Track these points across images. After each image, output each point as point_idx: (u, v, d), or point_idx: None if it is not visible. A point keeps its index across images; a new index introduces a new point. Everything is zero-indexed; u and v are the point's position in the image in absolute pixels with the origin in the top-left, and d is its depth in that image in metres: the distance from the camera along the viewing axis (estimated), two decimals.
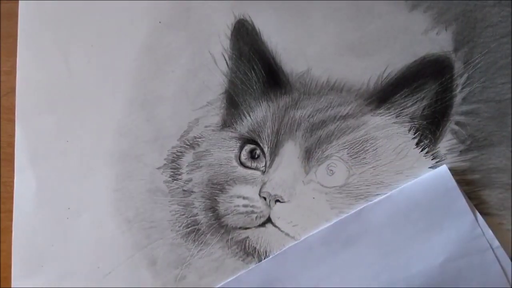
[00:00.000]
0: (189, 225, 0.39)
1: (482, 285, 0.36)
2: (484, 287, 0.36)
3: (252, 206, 0.38)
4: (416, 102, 0.38)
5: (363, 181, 0.38)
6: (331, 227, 0.38)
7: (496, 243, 0.37)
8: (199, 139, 0.39)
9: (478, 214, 0.37)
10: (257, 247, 0.39)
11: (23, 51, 0.41)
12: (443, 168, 0.37)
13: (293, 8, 0.39)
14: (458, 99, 0.38)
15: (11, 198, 0.40)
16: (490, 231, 0.37)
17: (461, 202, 0.37)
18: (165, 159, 0.40)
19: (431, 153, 0.38)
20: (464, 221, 0.37)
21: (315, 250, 0.38)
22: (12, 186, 0.40)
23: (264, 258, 0.38)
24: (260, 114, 0.39)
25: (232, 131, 0.39)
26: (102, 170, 0.40)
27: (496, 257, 0.36)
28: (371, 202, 0.38)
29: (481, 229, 0.37)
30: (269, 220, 0.38)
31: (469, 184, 0.37)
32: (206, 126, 0.39)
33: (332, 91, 0.38)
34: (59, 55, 0.40)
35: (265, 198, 0.38)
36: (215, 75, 0.39)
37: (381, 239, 0.37)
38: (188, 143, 0.39)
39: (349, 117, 0.38)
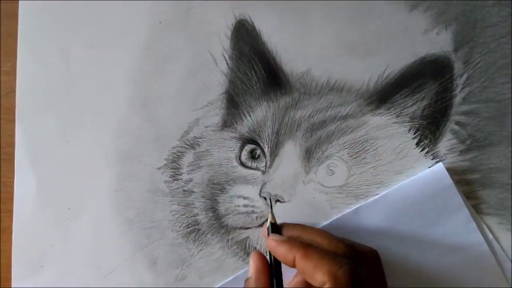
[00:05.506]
0: (190, 225, 0.39)
1: (478, 279, 0.37)
2: (481, 282, 0.36)
3: (252, 206, 0.38)
4: (416, 102, 0.38)
5: (363, 181, 0.38)
6: (329, 224, 0.38)
7: (490, 237, 0.37)
8: (200, 139, 0.39)
9: (472, 209, 0.37)
10: (258, 247, 0.39)
11: (23, 51, 0.41)
12: (439, 166, 0.37)
13: (293, 8, 0.39)
14: (458, 99, 0.38)
15: (11, 198, 0.40)
16: (485, 226, 0.37)
17: (457, 198, 0.37)
18: (165, 159, 0.40)
19: (431, 153, 0.38)
20: (458, 216, 0.37)
21: None
22: (12, 186, 0.40)
23: None
24: (260, 114, 0.39)
25: (232, 131, 0.39)
26: (102, 170, 0.40)
27: (491, 251, 0.37)
28: (368, 200, 0.38)
29: (475, 224, 0.37)
30: None
31: (469, 184, 0.37)
32: (206, 126, 0.39)
33: (332, 91, 0.38)
34: (59, 55, 0.40)
35: (265, 198, 0.38)
36: (215, 75, 0.39)
37: (378, 235, 0.37)
38: (189, 143, 0.39)
39: (349, 117, 0.38)
